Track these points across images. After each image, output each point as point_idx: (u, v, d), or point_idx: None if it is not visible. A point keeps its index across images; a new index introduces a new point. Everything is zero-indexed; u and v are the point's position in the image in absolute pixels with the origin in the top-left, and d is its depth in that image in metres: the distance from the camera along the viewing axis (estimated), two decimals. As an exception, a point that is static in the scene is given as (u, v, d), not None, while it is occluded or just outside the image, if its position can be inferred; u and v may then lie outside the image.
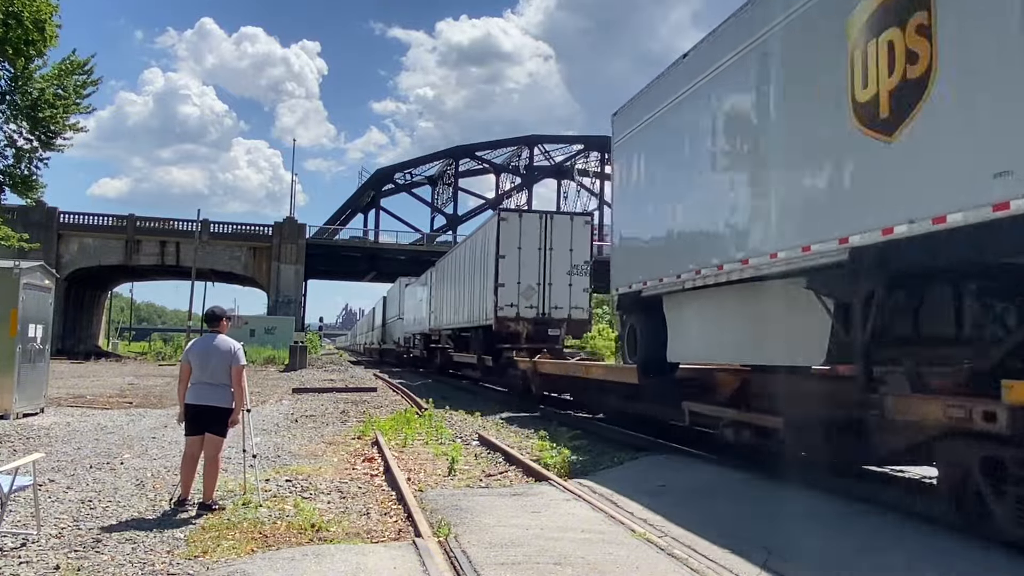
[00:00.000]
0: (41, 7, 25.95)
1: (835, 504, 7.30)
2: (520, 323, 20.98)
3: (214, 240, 57.66)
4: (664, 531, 6.30)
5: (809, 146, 7.81)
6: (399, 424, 13.02)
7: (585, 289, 21.68)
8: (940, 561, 5.53)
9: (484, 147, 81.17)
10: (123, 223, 57.57)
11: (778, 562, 5.42)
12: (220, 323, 7.27)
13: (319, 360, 49.04)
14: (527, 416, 16.12)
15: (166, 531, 6.12)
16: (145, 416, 14.37)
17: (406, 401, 19.58)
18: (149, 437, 11.41)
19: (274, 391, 22.43)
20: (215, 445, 6.92)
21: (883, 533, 6.23)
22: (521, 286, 21.05)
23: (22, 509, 6.47)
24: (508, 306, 20.95)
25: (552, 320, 21.24)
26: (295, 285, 59.52)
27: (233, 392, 7.01)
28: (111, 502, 7.10)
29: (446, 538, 6.00)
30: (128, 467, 8.90)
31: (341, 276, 76.39)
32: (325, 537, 6.08)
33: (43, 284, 14.09)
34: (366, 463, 9.85)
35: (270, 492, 7.70)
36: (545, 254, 21.18)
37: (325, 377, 30.24)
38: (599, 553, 5.58)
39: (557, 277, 21.24)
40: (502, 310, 20.93)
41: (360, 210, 76.24)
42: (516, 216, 21.90)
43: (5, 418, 12.63)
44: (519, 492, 8.03)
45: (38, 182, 30.03)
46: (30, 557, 5.34)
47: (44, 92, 27.95)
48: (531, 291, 21.03)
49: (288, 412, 16.08)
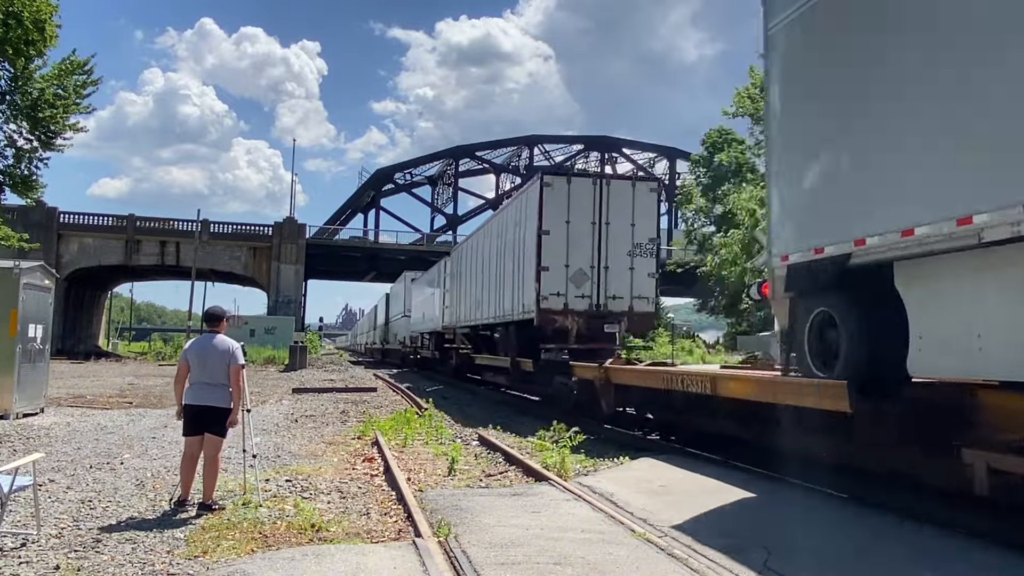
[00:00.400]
0: (41, 7, 25.98)
1: (835, 504, 7.30)
2: (569, 317, 16.80)
3: (214, 240, 57.68)
4: (664, 531, 6.30)
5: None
6: (399, 424, 13.01)
7: (651, 274, 17.38)
8: (940, 562, 5.53)
9: (484, 147, 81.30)
10: (123, 223, 57.58)
11: (778, 562, 5.43)
12: (220, 323, 7.27)
13: (319, 360, 49.01)
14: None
15: (166, 531, 6.12)
16: (145, 416, 14.37)
17: (406, 401, 19.57)
18: (149, 437, 11.42)
19: (274, 391, 22.43)
20: (214, 445, 6.92)
21: (883, 534, 6.24)
22: (570, 270, 16.81)
23: (22, 509, 6.47)
24: (554, 295, 16.75)
25: (609, 313, 17.01)
26: (295, 285, 59.53)
27: (232, 392, 7.02)
28: (111, 502, 7.10)
29: (446, 538, 6.00)
30: (128, 467, 8.90)
31: (341, 276, 76.44)
32: (325, 537, 6.08)
33: (43, 284, 14.09)
34: (366, 463, 9.85)
35: (270, 492, 7.70)
36: (600, 229, 16.90)
37: (325, 377, 30.23)
38: (599, 553, 5.59)
39: (615, 259, 17.04)
40: (546, 300, 16.68)
41: (360, 210, 76.32)
42: (563, 181, 17.12)
43: (5, 418, 12.63)
44: (519, 492, 8.03)
45: (38, 182, 30.09)
46: (30, 557, 5.35)
47: (44, 92, 27.98)
48: (582, 277, 16.89)
49: (288, 412, 16.08)
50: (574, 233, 16.82)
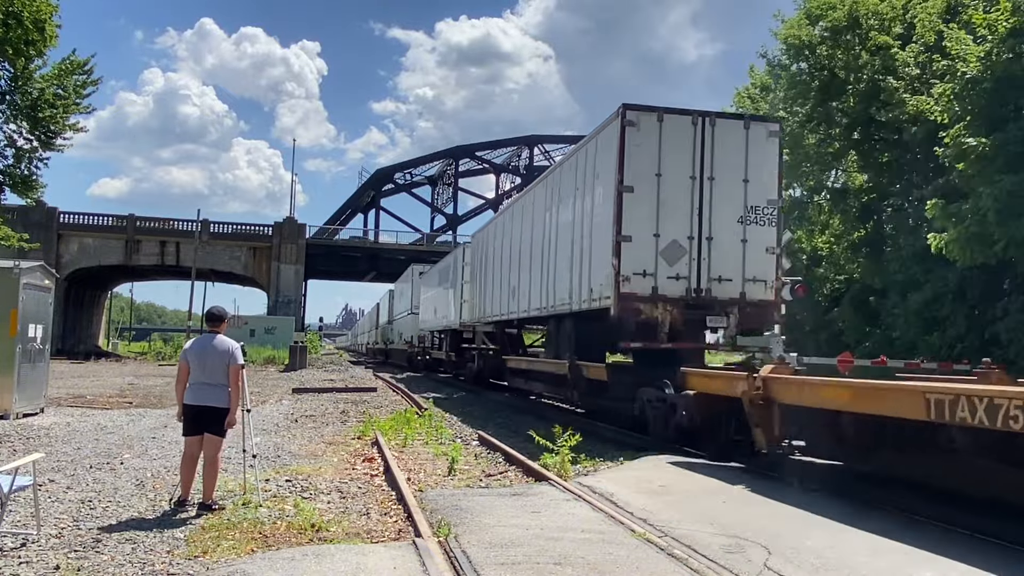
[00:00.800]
0: (41, 7, 25.96)
1: (835, 505, 7.29)
2: (659, 305, 12.26)
3: (214, 240, 57.68)
4: (664, 531, 6.30)
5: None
6: (399, 424, 13.01)
7: (770, 249, 12.70)
8: (940, 562, 5.53)
9: (484, 147, 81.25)
10: (123, 223, 57.57)
11: (778, 562, 5.43)
12: (221, 324, 7.28)
13: (319, 360, 49.01)
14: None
15: (166, 531, 6.12)
16: (145, 416, 14.37)
17: (406, 401, 19.57)
18: (149, 437, 11.42)
19: (274, 391, 22.43)
20: (214, 445, 6.92)
21: (883, 535, 6.23)
22: (660, 241, 12.32)
23: (22, 509, 6.47)
24: (638, 276, 12.21)
25: (714, 302, 12.52)
26: (295, 285, 59.53)
27: (231, 392, 7.01)
28: (111, 502, 7.10)
29: (446, 538, 6.00)
30: (128, 467, 8.90)
31: (341, 276, 76.37)
32: (325, 537, 6.08)
33: (43, 284, 14.09)
34: (366, 463, 9.85)
35: (270, 492, 7.70)
36: (701, 187, 12.49)
37: (325, 377, 30.22)
38: (599, 553, 5.58)
39: (722, 227, 12.54)
40: (627, 283, 12.16)
41: (360, 210, 76.28)
42: (652, 119, 12.49)
43: (5, 418, 12.62)
44: (519, 492, 8.03)
45: (38, 182, 30.04)
46: (30, 557, 5.34)
47: (44, 92, 27.95)
48: (678, 251, 12.38)
49: (288, 412, 16.07)
50: (666, 191, 12.38)
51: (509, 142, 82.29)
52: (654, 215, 12.31)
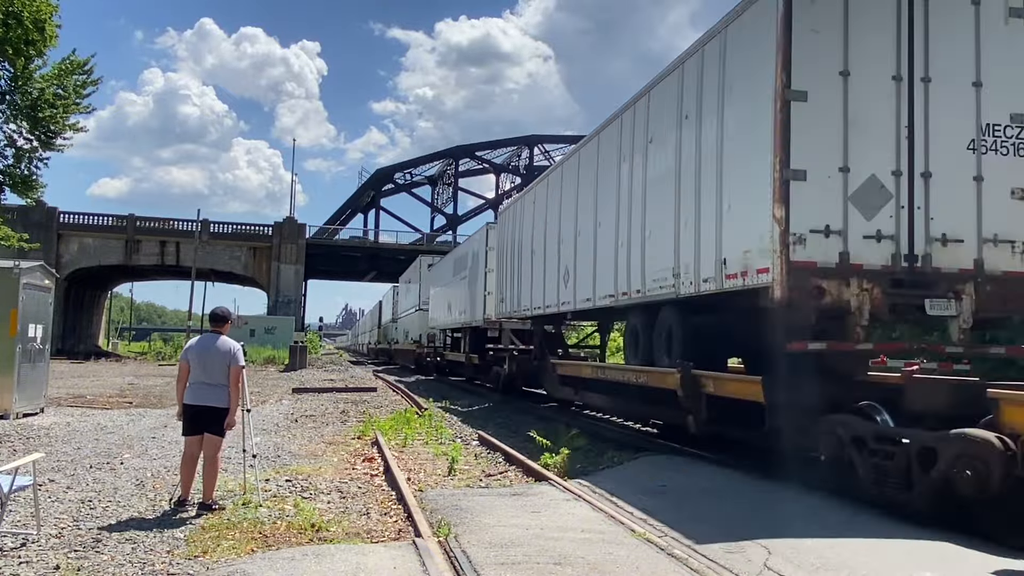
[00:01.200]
0: (41, 7, 25.93)
1: (836, 505, 7.29)
2: (851, 283, 7.91)
3: (214, 240, 57.67)
4: (664, 531, 6.30)
5: None
6: (399, 424, 13.02)
7: (1020, 191, 8.35)
8: (940, 563, 5.53)
9: (484, 147, 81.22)
10: (123, 223, 57.56)
11: (778, 562, 5.42)
12: (224, 324, 7.28)
13: (319, 360, 49.05)
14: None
15: (166, 531, 6.12)
16: (145, 416, 14.37)
17: (406, 401, 19.57)
18: (149, 437, 11.42)
19: (274, 391, 22.43)
20: (214, 445, 6.92)
21: (884, 535, 6.23)
22: (851, 180, 8.01)
23: (22, 509, 6.47)
24: (817, 233, 7.87)
25: (936, 274, 8.18)
26: (295, 285, 59.53)
27: (231, 393, 7.01)
28: (111, 502, 7.11)
29: (446, 538, 6.00)
30: (128, 467, 8.90)
31: (341, 276, 76.42)
32: (325, 537, 6.08)
33: (43, 284, 14.09)
34: (366, 463, 9.85)
35: (270, 492, 7.70)
36: (911, 92, 8.21)
37: (325, 377, 30.23)
38: (599, 553, 5.58)
39: (945, 157, 8.22)
40: (801, 245, 7.80)
41: (360, 210, 76.28)
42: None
43: (5, 418, 12.62)
44: (519, 492, 8.03)
45: (38, 182, 30.01)
46: (30, 557, 5.35)
47: (44, 92, 27.92)
48: (878, 195, 8.08)
49: (288, 412, 16.07)
50: (857, 101, 8.05)
51: (509, 142, 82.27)
52: (841, 138, 7.96)
